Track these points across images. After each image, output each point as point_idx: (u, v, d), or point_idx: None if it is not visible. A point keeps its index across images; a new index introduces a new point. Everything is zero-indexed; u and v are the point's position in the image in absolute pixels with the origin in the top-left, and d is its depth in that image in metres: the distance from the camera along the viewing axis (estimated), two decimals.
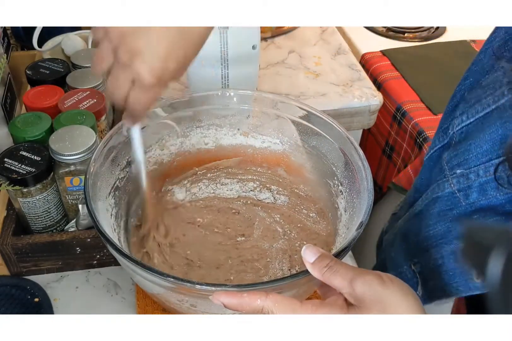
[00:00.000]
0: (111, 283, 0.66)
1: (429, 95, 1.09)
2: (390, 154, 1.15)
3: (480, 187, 0.50)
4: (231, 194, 0.70)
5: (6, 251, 0.62)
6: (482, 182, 0.50)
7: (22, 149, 0.61)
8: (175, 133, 0.68)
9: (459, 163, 0.53)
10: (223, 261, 0.61)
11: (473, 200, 0.51)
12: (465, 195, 0.52)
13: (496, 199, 0.49)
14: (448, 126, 0.58)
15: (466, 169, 0.52)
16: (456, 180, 0.53)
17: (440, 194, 0.55)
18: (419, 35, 1.28)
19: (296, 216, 0.67)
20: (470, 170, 0.51)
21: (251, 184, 0.70)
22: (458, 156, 0.53)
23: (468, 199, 0.52)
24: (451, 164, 0.54)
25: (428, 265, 0.58)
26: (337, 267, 0.42)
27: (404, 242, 0.63)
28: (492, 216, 0.50)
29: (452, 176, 0.53)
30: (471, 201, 0.51)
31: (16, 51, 0.98)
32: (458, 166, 0.53)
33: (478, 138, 0.50)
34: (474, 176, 0.51)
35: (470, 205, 0.52)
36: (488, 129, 0.49)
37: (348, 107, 0.99)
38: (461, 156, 0.53)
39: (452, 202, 0.54)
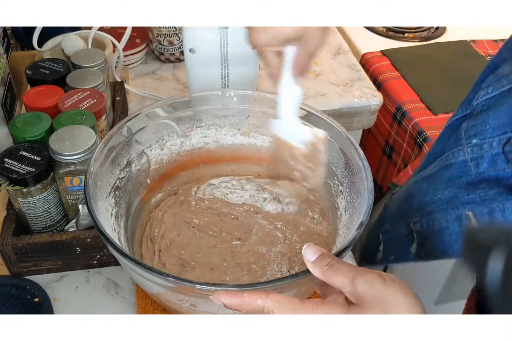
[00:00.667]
0: (111, 283, 0.66)
1: (429, 95, 1.08)
2: (390, 154, 1.15)
3: (491, 158, 0.51)
4: (238, 200, 0.69)
5: (6, 251, 0.62)
6: (493, 153, 0.51)
7: (22, 149, 0.61)
8: (175, 133, 0.68)
9: (475, 133, 0.54)
10: (217, 262, 0.60)
11: (483, 169, 0.52)
12: (476, 164, 0.53)
13: (504, 172, 0.50)
14: (473, 97, 0.58)
15: (481, 140, 0.53)
16: (470, 149, 0.54)
17: (453, 161, 0.56)
18: (419, 35, 1.28)
19: (301, 220, 0.65)
20: (485, 141, 0.52)
21: (264, 194, 0.69)
22: (476, 127, 0.54)
23: (478, 168, 0.53)
24: (468, 133, 0.55)
25: (431, 226, 0.58)
26: (338, 266, 0.42)
27: (407, 201, 0.64)
28: (496, 187, 0.51)
29: (468, 144, 0.55)
30: (480, 171, 0.52)
31: (16, 51, 0.98)
32: (474, 136, 0.54)
33: (497, 111, 0.51)
34: (487, 147, 0.52)
35: (479, 174, 0.53)
36: (508, 103, 0.50)
37: (348, 107, 0.99)
38: (479, 127, 0.54)
39: (463, 170, 0.55)
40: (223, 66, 0.77)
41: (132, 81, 1.01)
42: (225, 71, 0.77)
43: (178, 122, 0.67)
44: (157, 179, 0.68)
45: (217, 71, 0.77)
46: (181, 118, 0.67)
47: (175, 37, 1.00)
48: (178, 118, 0.67)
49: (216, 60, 0.76)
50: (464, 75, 1.12)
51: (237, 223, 0.65)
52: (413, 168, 1.02)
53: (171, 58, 1.05)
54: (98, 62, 0.77)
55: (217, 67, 0.77)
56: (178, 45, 1.02)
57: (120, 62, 0.92)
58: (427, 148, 0.99)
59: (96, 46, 0.85)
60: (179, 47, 1.02)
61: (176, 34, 1.00)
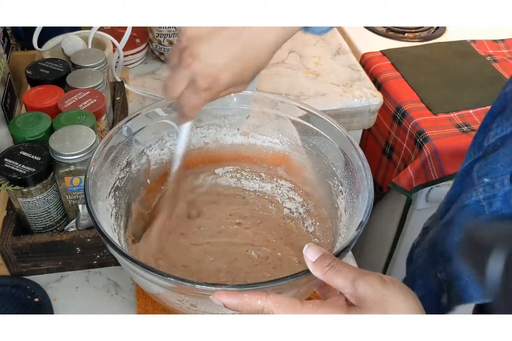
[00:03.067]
0: (111, 283, 0.66)
1: (429, 95, 1.08)
2: (390, 154, 1.15)
3: (504, 196, 0.50)
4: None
5: (6, 251, 0.62)
6: (506, 191, 0.50)
7: (22, 149, 0.61)
8: (175, 133, 0.68)
9: (487, 173, 0.53)
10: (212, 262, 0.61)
11: (496, 208, 0.51)
12: (489, 204, 0.52)
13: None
14: (483, 139, 0.58)
15: (492, 179, 0.52)
16: (482, 189, 0.53)
17: (467, 202, 0.56)
18: (419, 35, 1.28)
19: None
20: (496, 179, 0.52)
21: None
22: (487, 166, 0.54)
23: (491, 207, 0.52)
24: (480, 173, 0.55)
25: (452, 272, 0.58)
26: (339, 267, 0.42)
27: (432, 251, 0.63)
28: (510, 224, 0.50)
29: (480, 184, 0.54)
30: (494, 210, 0.52)
31: (16, 51, 0.98)
32: (486, 176, 0.53)
33: (507, 148, 0.51)
34: (499, 185, 0.51)
35: (493, 213, 0.52)
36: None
37: (348, 107, 0.99)
38: (490, 166, 0.53)
39: (477, 211, 0.54)
40: None
41: (132, 81, 1.01)
42: None
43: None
44: (157, 179, 0.68)
45: None
46: None
47: (175, 37, 1.00)
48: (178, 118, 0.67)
49: None
50: (464, 75, 1.12)
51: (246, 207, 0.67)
52: (413, 168, 1.02)
53: None
54: (98, 62, 0.77)
55: None
56: None
57: (120, 62, 0.92)
58: (427, 148, 0.99)
59: (96, 46, 0.85)
60: None
61: (176, 34, 1.00)
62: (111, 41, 0.87)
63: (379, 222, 1.23)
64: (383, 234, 1.23)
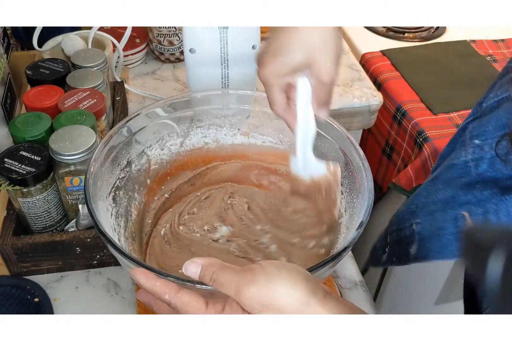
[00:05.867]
0: (111, 283, 0.66)
1: (429, 95, 1.08)
2: (390, 154, 1.15)
3: (491, 159, 0.51)
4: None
5: (6, 251, 0.62)
6: (493, 155, 0.50)
7: (22, 149, 0.61)
8: (175, 133, 0.68)
9: (478, 134, 0.54)
10: None
11: (482, 170, 0.52)
12: (475, 165, 0.53)
13: (501, 173, 0.50)
14: (484, 99, 0.58)
15: (482, 141, 0.53)
16: (472, 150, 0.54)
17: (455, 161, 0.56)
18: (419, 35, 1.28)
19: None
20: (486, 142, 0.52)
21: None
22: (479, 127, 0.54)
23: (477, 169, 0.53)
24: (471, 134, 0.55)
25: (430, 227, 0.58)
26: (220, 280, 0.41)
27: (414, 203, 0.64)
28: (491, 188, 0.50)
29: (470, 145, 0.54)
30: (479, 172, 0.52)
31: (16, 51, 0.98)
32: (477, 137, 0.54)
33: (500, 112, 0.51)
34: (487, 148, 0.52)
35: (478, 175, 0.52)
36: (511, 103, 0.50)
37: (348, 107, 0.99)
38: (482, 128, 0.54)
39: (464, 171, 0.55)
40: (223, 66, 0.77)
41: (132, 81, 1.01)
42: (225, 71, 0.77)
43: (178, 122, 0.67)
44: (157, 179, 0.68)
45: (217, 71, 0.77)
46: (181, 118, 0.67)
47: (175, 37, 1.00)
48: (178, 118, 0.67)
49: (216, 60, 0.76)
50: (464, 75, 1.12)
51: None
52: (413, 168, 1.02)
53: (171, 58, 1.05)
54: (98, 62, 0.77)
55: (217, 67, 0.77)
56: (178, 45, 1.02)
57: (120, 62, 0.92)
58: (427, 148, 0.99)
59: (96, 46, 0.85)
60: (179, 47, 1.02)
61: (176, 34, 1.00)
62: (111, 41, 0.87)
63: (379, 222, 1.23)
64: None
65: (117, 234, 0.57)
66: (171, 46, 1.02)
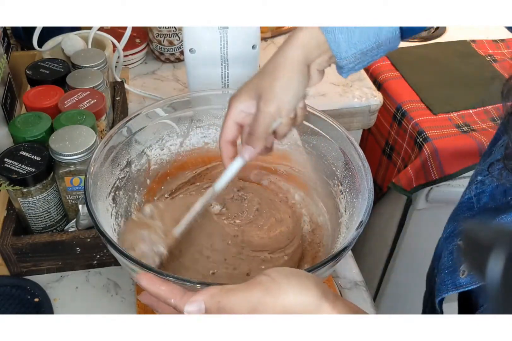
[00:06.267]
0: (111, 283, 0.66)
1: (429, 95, 1.08)
2: (390, 154, 1.15)
3: (491, 191, 0.51)
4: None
5: (6, 251, 0.62)
6: (494, 187, 0.51)
7: (22, 149, 0.61)
8: (175, 133, 0.68)
9: (481, 171, 0.54)
10: None
11: (483, 203, 0.52)
12: (478, 200, 0.53)
13: (501, 202, 0.50)
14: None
15: (484, 176, 0.53)
16: (475, 186, 0.55)
17: (461, 200, 0.57)
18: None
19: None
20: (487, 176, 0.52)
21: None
22: (483, 164, 0.55)
23: (479, 203, 0.53)
24: (475, 171, 0.56)
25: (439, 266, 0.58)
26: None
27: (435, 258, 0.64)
28: (490, 214, 0.51)
29: (474, 182, 0.55)
30: (481, 205, 0.53)
31: (16, 51, 0.98)
32: (480, 174, 0.55)
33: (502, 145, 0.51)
34: (489, 181, 0.52)
35: (480, 208, 0.53)
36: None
37: (348, 107, 0.99)
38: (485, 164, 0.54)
39: (467, 207, 0.55)
40: (223, 66, 0.77)
41: (132, 81, 1.01)
42: (225, 71, 0.77)
43: (178, 122, 0.67)
44: (157, 179, 0.68)
45: (217, 71, 0.77)
46: (181, 118, 0.67)
47: (175, 37, 1.00)
48: (178, 118, 0.67)
49: (216, 60, 0.76)
50: (464, 75, 1.12)
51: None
52: (413, 168, 1.02)
53: (171, 58, 1.05)
54: (98, 62, 0.77)
55: (217, 67, 0.77)
56: (178, 45, 1.02)
57: (120, 62, 0.92)
58: (427, 148, 0.99)
59: (96, 46, 0.85)
60: (179, 47, 1.02)
61: (176, 34, 1.00)
62: (111, 41, 0.87)
63: (379, 222, 1.23)
64: (383, 234, 1.23)
65: (117, 234, 0.57)
66: (171, 46, 1.02)
